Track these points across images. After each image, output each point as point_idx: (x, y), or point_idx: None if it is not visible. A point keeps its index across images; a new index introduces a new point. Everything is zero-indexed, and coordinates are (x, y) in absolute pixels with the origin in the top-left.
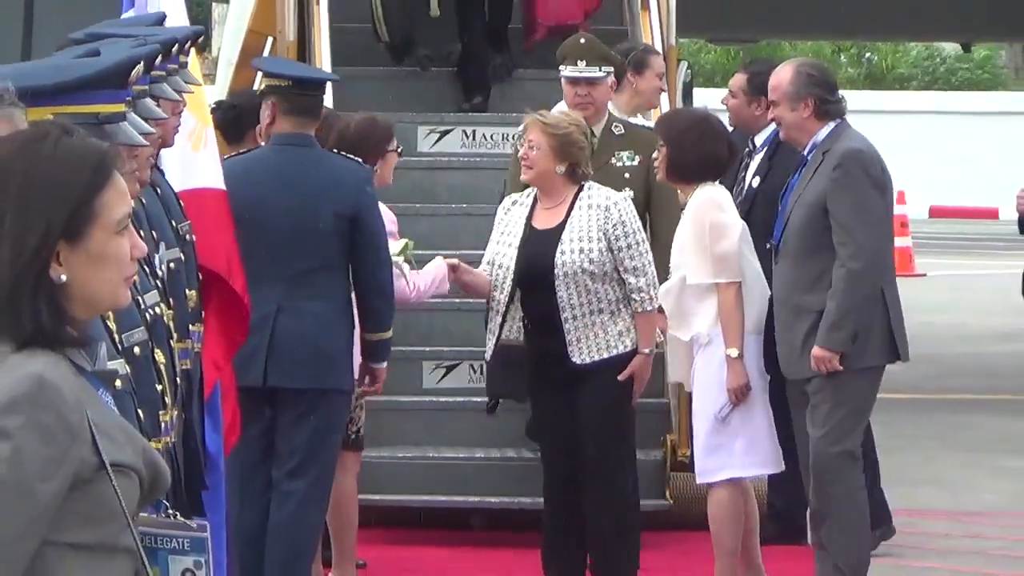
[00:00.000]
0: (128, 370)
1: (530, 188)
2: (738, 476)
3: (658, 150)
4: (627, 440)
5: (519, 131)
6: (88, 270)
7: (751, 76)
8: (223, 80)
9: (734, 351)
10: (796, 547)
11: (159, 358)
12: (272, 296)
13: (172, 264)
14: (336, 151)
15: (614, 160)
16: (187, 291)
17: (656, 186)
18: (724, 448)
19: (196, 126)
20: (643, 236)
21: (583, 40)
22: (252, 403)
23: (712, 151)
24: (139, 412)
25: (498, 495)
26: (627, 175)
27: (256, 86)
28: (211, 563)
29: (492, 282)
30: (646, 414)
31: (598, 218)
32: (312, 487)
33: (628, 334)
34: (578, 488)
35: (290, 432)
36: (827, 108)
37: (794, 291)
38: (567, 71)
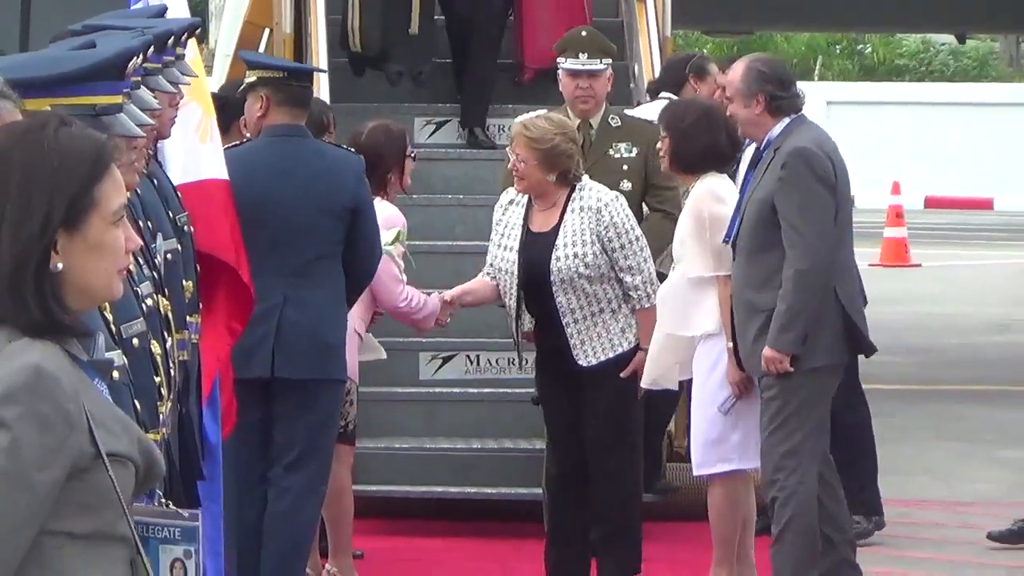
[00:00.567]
0: (125, 361)
1: None
2: (737, 469)
3: (661, 140)
4: (634, 438)
5: (523, 119)
6: (85, 259)
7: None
8: (220, 72)
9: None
10: None
11: (155, 349)
12: (277, 287)
13: (169, 255)
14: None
15: (612, 152)
16: (184, 282)
17: (655, 174)
18: (723, 441)
19: (202, 118)
20: (637, 233)
21: (584, 32)
22: (249, 394)
23: (715, 142)
24: (136, 403)
25: (495, 486)
26: (625, 167)
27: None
28: (201, 553)
29: (501, 287)
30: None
31: (590, 221)
32: (311, 479)
33: (630, 330)
34: (581, 483)
35: (290, 424)
36: (779, 104)
37: (746, 288)
38: (568, 64)
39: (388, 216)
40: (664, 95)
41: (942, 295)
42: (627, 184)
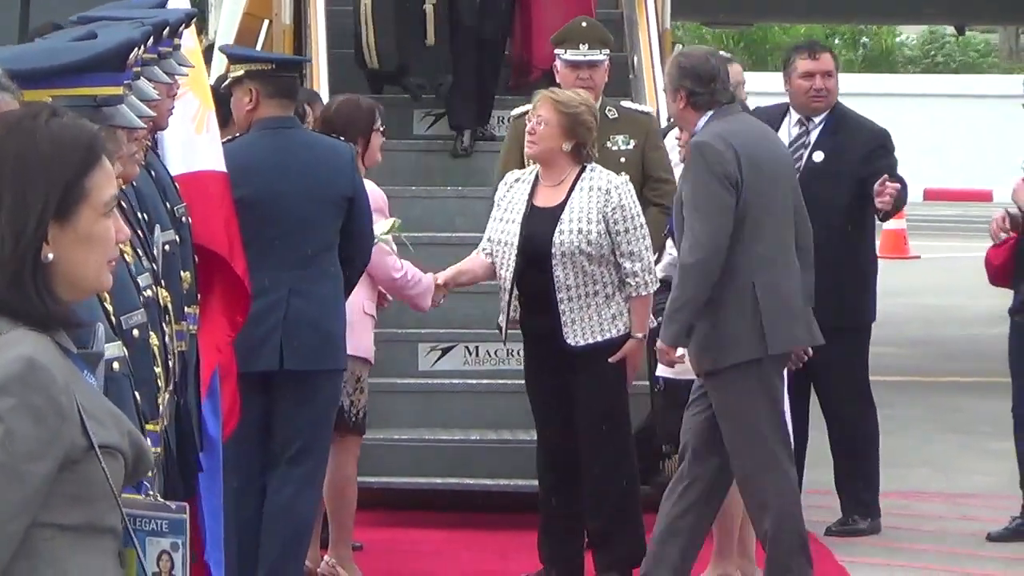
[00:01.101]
0: (125, 352)
1: (533, 165)
2: None
3: (680, 132)
4: (623, 423)
5: (520, 111)
6: (76, 250)
7: (834, 56)
8: (219, 63)
9: None
10: None
11: (154, 341)
12: (284, 280)
13: (167, 246)
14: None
15: (609, 144)
16: (182, 273)
17: (652, 167)
18: None
19: (199, 109)
20: (642, 221)
21: (584, 23)
22: (249, 389)
23: None
24: (136, 395)
25: (494, 477)
26: (623, 159)
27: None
28: (188, 545)
29: (497, 259)
30: (637, 396)
31: (598, 200)
32: (311, 472)
33: (621, 318)
34: (573, 471)
35: (291, 417)
36: (696, 99)
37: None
38: (568, 55)
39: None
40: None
41: (941, 287)
42: (624, 176)
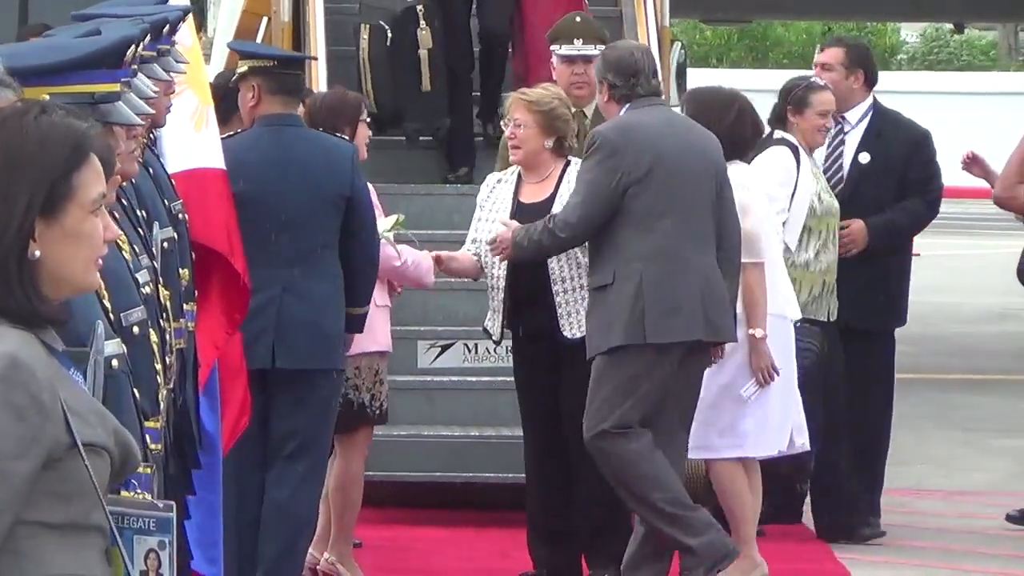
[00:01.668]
0: (124, 350)
1: (514, 167)
2: (748, 456)
3: None
4: None
5: (502, 110)
6: (62, 247)
7: (849, 48)
8: (218, 61)
9: (759, 331)
10: (794, 526)
11: (153, 338)
12: (276, 278)
13: (166, 243)
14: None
15: None
16: (180, 270)
17: None
18: (734, 427)
19: (198, 106)
20: None
21: (579, 19)
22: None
23: (741, 131)
24: (135, 392)
25: (493, 474)
26: None
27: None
28: (175, 544)
29: (486, 260)
30: None
31: None
32: (310, 469)
33: None
34: (565, 470)
35: (289, 414)
36: (615, 92)
37: None
38: (563, 50)
39: None
40: (778, 134)
41: (942, 284)
42: None
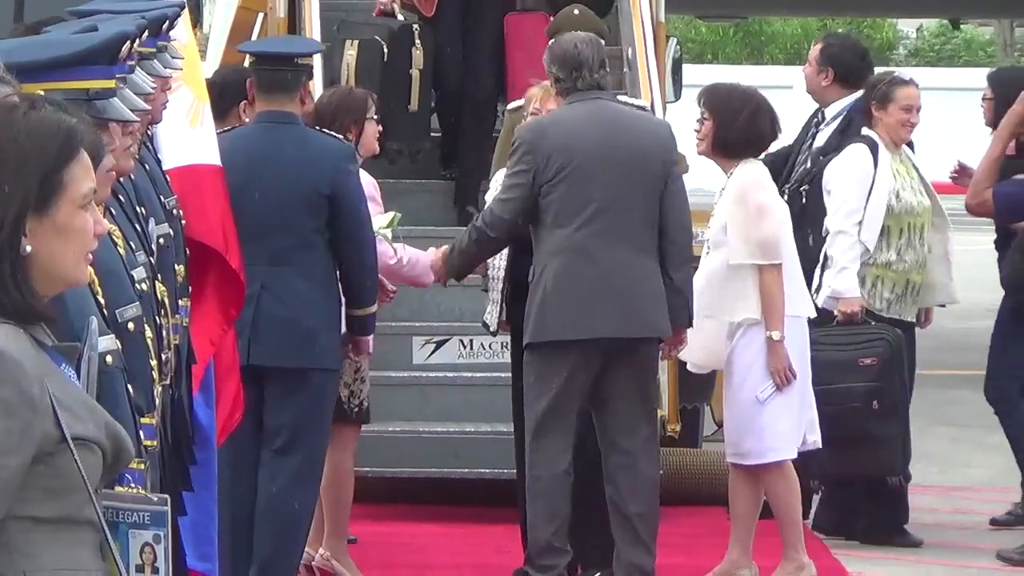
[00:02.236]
0: (118, 346)
1: None
2: (787, 458)
3: (701, 123)
4: None
5: (516, 104)
6: (53, 242)
7: (825, 45)
8: (214, 57)
9: (776, 333)
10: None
11: (148, 334)
12: (256, 275)
13: (162, 240)
14: (316, 127)
15: None
16: (176, 266)
17: None
18: (770, 429)
19: (193, 102)
20: None
21: (577, 11)
22: (243, 379)
23: (759, 128)
24: (129, 388)
25: (489, 468)
26: None
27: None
28: (170, 537)
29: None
30: None
31: None
32: (301, 465)
33: None
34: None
35: (277, 410)
36: (559, 86)
37: None
38: None
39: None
40: (865, 134)
41: None
42: None
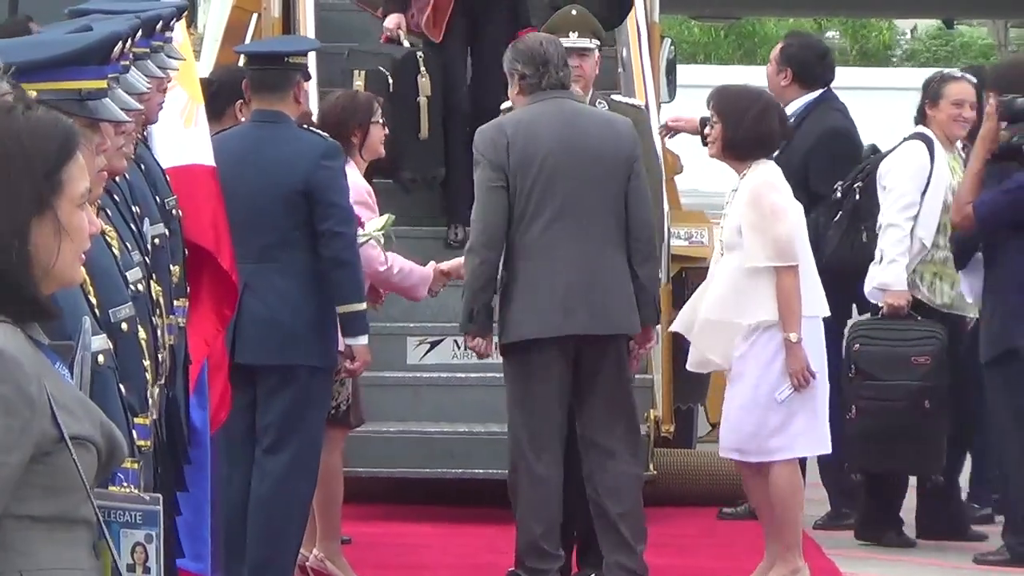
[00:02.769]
0: (111, 346)
1: None
2: (797, 456)
3: (711, 126)
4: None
5: (508, 105)
6: (52, 242)
7: (784, 45)
8: (208, 57)
9: (794, 335)
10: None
11: (142, 334)
12: (240, 274)
13: (157, 240)
14: (304, 126)
15: None
16: (171, 267)
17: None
18: (783, 429)
19: (187, 103)
20: None
21: (574, 11)
22: (236, 379)
23: (769, 129)
24: (121, 388)
25: (483, 468)
26: None
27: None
28: (162, 537)
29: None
30: (640, 390)
31: None
32: (292, 462)
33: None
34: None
35: (265, 409)
36: (525, 82)
37: None
38: None
39: (352, 184)
40: (919, 130)
41: None
42: None
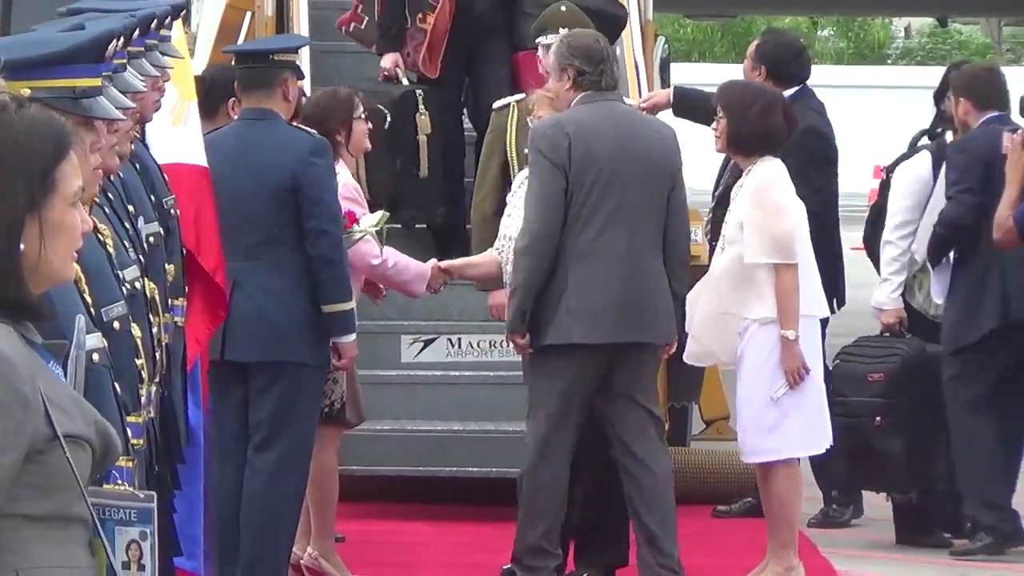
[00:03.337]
0: (105, 344)
1: None
2: (793, 457)
3: (717, 121)
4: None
5: (502, 103)
6: (45, 240)
7: (760, 43)
8: (202, 56)
9: (791, 333)
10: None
11: (136, 332)
12: (230, 271)
13: (151, 238)
14: (291, 123)
15: None
16: (166, 266)
17: None
18: (778, 428)
19: (178, 101)
20: None
21: (563, 8)
22: (228, 376)
23: (771, 125)
24: (115, 386)
25: (476, 467)
26: None
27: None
28: (156, 534)
29: (503, 256)
30: None
31: None
32: (282, 459)
33: None
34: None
35: (257, 405)
36: (583, 79)
37: None
38: (549, 39)
39: (342, 181)
40: (929, 141)
41: None
42: None
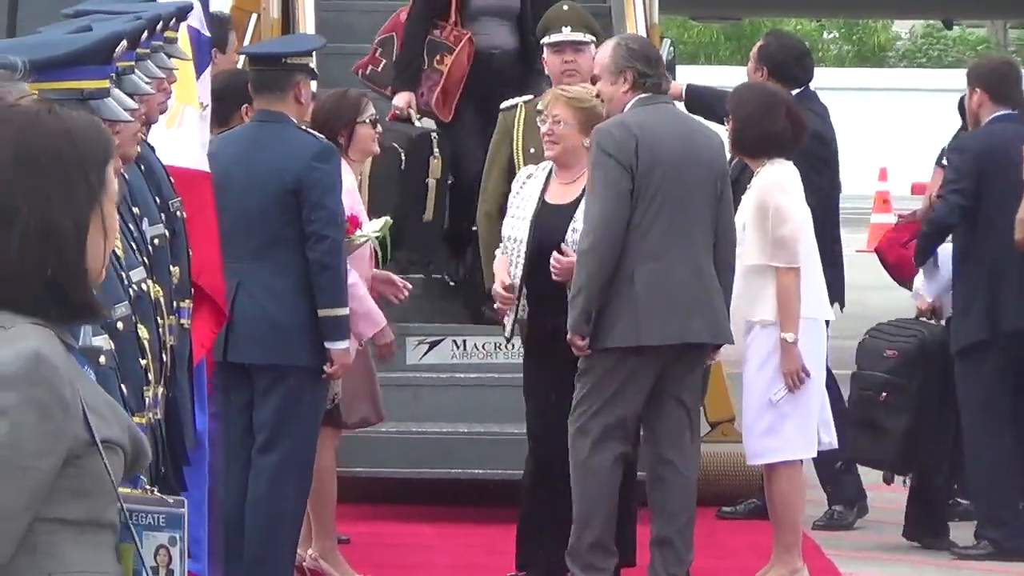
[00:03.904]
0: (112, 346)
1: (545, 161)
2: (792, 459)
3: (727, 123)
4: None
5: (509, 103)
6: (93, 240)
7: (763, 44)
8: None
9: (790, 335)
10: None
11: (142, 334)
12: (233, 273)
13: (156, 240)
14: (305, 129)
15: None
16: (171, 268)
17: None
18: (778, 430)
19: (174, 103)
20: None
21: (566, 7)
22: (233, 378)
23: (772, 128)
24: (122, 387)
25: (481, 469)
26: None
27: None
28: (186, 539)
29: (508, 256)
30: None
31: None
32: (284, 462)
33: None
34: (565, 473)
35: (259, 409)
36: (644, 81)
37: None
38: (552, 38)
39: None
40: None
41: None
42: None
